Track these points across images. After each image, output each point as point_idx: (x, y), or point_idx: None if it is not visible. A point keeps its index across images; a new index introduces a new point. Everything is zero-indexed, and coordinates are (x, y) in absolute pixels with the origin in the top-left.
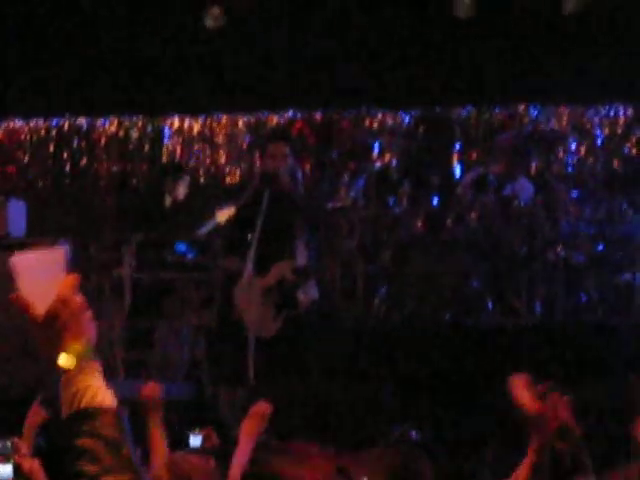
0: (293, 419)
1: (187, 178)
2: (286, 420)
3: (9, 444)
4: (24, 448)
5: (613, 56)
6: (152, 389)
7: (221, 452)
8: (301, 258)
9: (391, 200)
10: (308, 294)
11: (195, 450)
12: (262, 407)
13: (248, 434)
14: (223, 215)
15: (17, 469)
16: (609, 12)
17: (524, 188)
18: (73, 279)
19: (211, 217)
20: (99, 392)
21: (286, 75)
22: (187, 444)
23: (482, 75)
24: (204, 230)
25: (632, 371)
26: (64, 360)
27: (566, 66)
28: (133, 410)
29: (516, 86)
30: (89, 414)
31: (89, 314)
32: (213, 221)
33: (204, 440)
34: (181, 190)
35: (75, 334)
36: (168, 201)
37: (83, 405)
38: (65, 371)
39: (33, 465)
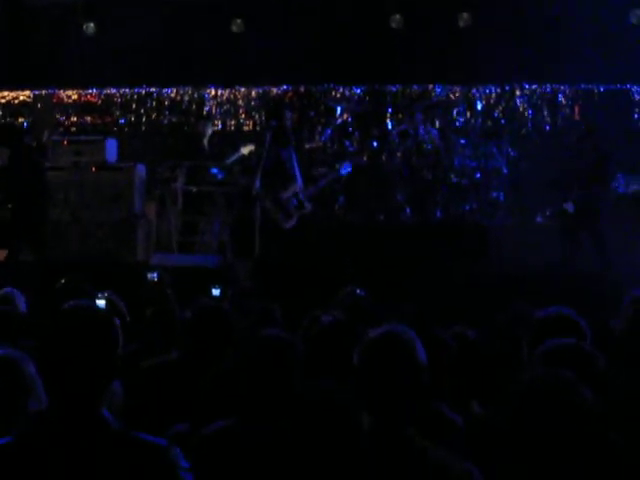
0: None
1: (210, 124)
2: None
3: None
4: None
5: (488, 53)
6: None
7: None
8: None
9: (347, 143)
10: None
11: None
12: None
13: None
14: (247, 149)
15: None
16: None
17: (432, 133)
18: None
19: (237, 150)
20: None
21: (282, 63)
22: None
23: (406, 64)
24: (231, 159)
25: (483, 246)
26: None
27: (459, 58)
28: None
29: (426, 71)
30: None
31: None
32: (239, 153)
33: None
34: (208, 131)
35: None
36: (205, 141)
37: None
38: None
39: None
